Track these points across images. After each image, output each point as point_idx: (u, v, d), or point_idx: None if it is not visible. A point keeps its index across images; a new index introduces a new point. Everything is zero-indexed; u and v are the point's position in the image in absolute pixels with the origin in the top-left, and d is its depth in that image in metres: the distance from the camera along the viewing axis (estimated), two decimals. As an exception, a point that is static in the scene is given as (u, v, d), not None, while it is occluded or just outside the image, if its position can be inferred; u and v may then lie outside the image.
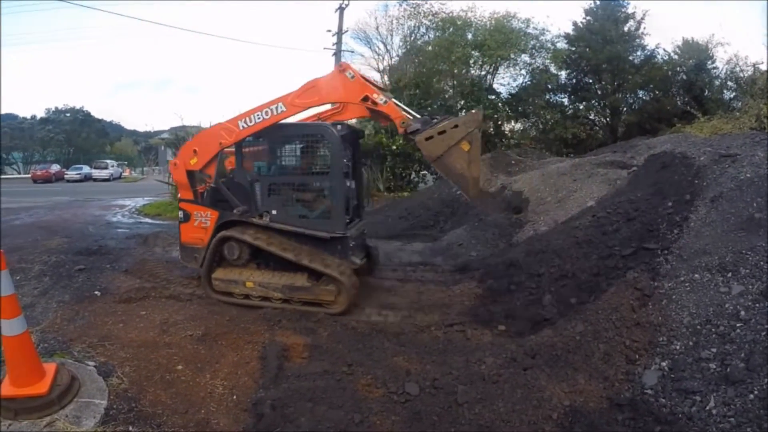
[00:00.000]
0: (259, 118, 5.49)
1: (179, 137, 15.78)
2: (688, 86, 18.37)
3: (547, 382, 3.48)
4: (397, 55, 21.23)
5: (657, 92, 18.91)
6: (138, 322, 4.89)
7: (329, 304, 5.50)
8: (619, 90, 19.03)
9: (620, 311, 3.98)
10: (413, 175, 17.66)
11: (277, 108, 5.42)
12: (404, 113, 5.56)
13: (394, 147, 16.00)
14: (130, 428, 3.15)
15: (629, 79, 18.31)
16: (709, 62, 18.69)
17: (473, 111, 5.80)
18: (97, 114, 56.16)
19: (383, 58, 23.19)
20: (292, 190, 5.74)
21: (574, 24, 19.76)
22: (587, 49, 18.86)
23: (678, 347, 3.46)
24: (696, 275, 3.98)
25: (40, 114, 51.89)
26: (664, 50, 19.25)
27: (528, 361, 3.73)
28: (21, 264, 6.77)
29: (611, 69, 18.35)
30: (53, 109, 51.89)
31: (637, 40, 19.27)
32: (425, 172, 17.92)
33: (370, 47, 23.71)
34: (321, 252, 5.64)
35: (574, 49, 19.28)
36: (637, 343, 3.70)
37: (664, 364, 3.40)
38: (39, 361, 3.37)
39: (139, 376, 3.78)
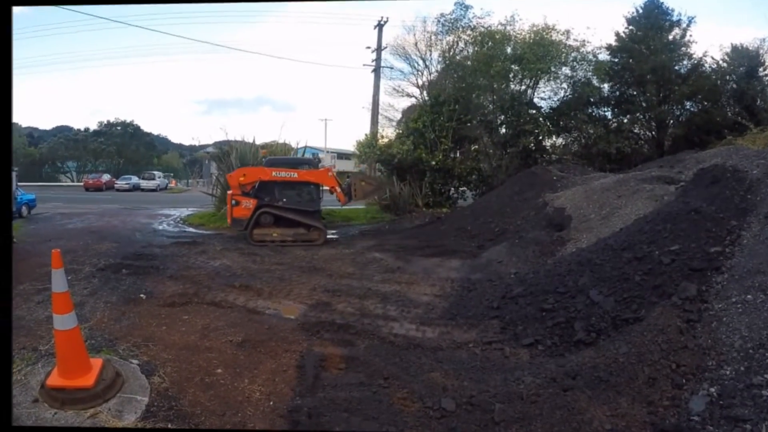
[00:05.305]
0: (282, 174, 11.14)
1: (224, 151, 16.29)
2: (739, 95, 17.39)
3: (587, 405, 3.36)
4: (436, 71, 21.11)
5: (705, 103, 17.86)
6: (180, 326, 5.06)
7: (315, 240, 10.75)
8: (665, 102, 18.06)
9: (667, 333, 3.82)
10: (452, 191, 17.53)
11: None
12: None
13: (434, 163, 15.86)
14: (169, 425, 3.24)
15: (675, 90, 17.43)
16: (761, 69, 17.70)
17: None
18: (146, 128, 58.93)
19: (422, 74, 23.15)
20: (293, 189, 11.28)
21: (616, 34, 18.93)
22: (630, 60, 18.05)
23: (728, 372, 3.28)
24: (749, 296, 3.80)
25: (93, 127, 55.01)
26: (712, 58, 18.29)
27: (568, 382, 3.60)
28: (72, 265, 7.18)
29: (656, 80, 17.44)
30: (105, 122, 54.99)
31: (683, 49, 18.25)
32: (464, 188, 17.74)
33: (409, 63, 23.70)
34: (308, 217, 11.00)
35: (616, 60, 18.49)
36: (684, 367, 3.53)
37: (712, 389, 3.22)
38: (87, 356, 3.54)
39: (179, 376, 3.89)
